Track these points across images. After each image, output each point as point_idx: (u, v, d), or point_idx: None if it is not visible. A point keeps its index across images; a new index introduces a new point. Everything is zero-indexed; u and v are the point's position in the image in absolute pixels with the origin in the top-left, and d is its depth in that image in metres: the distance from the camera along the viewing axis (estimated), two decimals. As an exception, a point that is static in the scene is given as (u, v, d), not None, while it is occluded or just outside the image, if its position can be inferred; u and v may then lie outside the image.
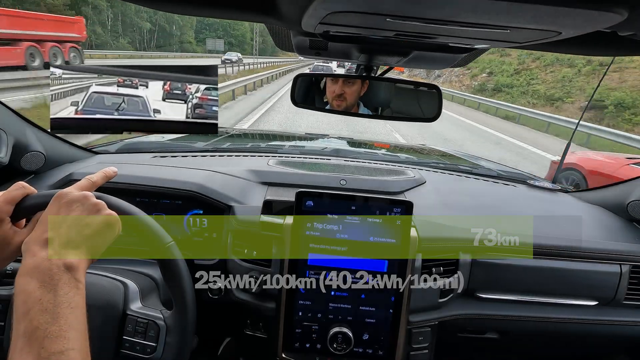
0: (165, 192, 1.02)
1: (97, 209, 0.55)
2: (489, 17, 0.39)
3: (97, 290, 0.73)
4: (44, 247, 0.48)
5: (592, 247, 1.03)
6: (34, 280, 0.45)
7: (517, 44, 0.56)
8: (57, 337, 0.42)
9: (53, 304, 0.44)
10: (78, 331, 0.45)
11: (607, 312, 1.06)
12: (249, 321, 1.02)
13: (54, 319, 0.43)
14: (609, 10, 0.34)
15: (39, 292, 0.44)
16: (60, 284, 0.46)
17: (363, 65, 0.92)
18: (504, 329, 1.09)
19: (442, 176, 1.39)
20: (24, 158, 1.03)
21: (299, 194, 0.88)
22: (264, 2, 0.53)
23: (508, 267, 1.01)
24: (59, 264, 0.47)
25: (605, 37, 0.49)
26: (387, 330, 0.91)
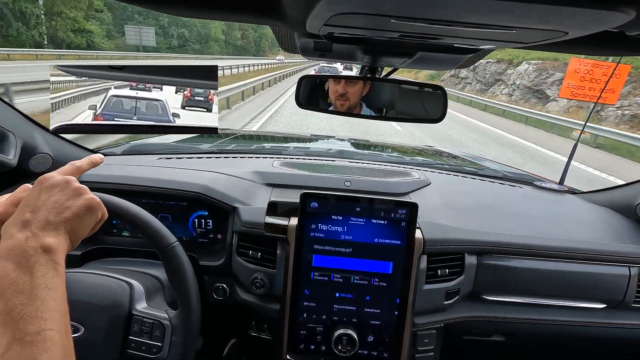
0: (170, 194, 1.03)
1: (79, 193, 0.54)
2: (494, 17, 0.39)
3: (103, 291, 0.73)
4: (22, 229, 0.48)
5: (600, 249, 1.02)
6: (10, 262, 0.44)
7: (524, 45, 0.56)
8: (34, 318, 0.41)
9: (30, 286, 0.43)
10: (57, 312, 0.44)
11: (616, 315, 1.05)
12: (253, 322, 1.02)
13: (30, 301, 0.42)
14: (616, 9, 0.33)
15: (14, 274, 0.43)
16: (37, 266, 0.45)
17: (368, 66, 0.92)
18: (510, 331, 1.08)
19: (447, 177, 1.38)
20: (32, 160, 1.04)
21: (303, 195, 0.88)
22: (268, 4, 0.53)
23: (514, 269, 1.00)
24: (36, 245, 0.46)
25: (612, 37, 0.48)
26: (392, 332, 0.91)
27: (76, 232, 0.54)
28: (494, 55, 18.93)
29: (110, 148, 1.42)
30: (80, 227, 0.54)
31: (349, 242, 0.89)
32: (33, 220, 0.49)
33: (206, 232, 1.08)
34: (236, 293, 1.01)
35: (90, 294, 0.72)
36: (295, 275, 0.91)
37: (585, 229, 1.13)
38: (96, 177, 1.03)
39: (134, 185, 1.02)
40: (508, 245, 0.99)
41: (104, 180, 1.02)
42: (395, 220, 0.87)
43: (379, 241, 0.88)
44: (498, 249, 0.99)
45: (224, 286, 1.01)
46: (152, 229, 0.69)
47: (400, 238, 0.88)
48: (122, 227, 1.10)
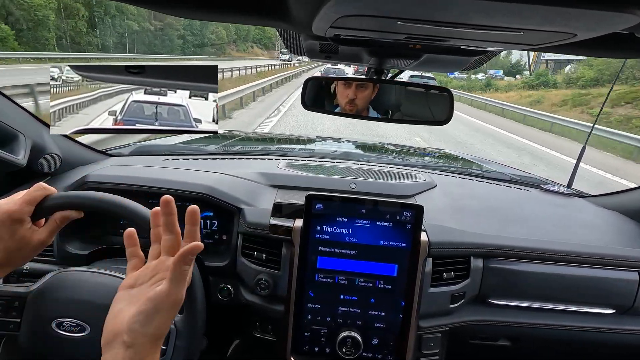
0: (176, 195, 1.04)
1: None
2: (501, 19, 0.39)
3: (109, 290, 0.74)
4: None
5: (608, 253, 1.00)
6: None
7: (531, 46, 0.55)
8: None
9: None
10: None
11: (625, 320, 1.03)
12: (257, 323, 1.02)
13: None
14: (624, 11, 0.33)
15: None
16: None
17: (374, 68, 0.92)
18: (516, 336, 1.07)
19: (453, 180, 1.37)
20: (41, 160, 1.06)
21: (308, 197, 0.88)
22: (275, 6, 0.54)
23: (521, 273, 0.99)
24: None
25: (622, 39, 0.48)
26: (396, 335, 0.90)
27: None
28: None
29: (118, 149, 1.43)
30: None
31: (354, 244, 0.88)
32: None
33: (211, 232, 1.09)
34: (241, 294, 1.01)
35: (96, 294, 0.72)
36: (299, 276, 0.91)
37: (594, 232, 1.11)
38: (104, 177, 1.04)
39: (141, 185, 1.03)
40: (515, 249, 0.98)
41: (111, 180, 1.03)
42: (401, 223, 0.87)
43: (384, 243, 0.88)
44: (504, 252, 0.98)
45: (229, 287, 1.02)
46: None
47: (405, 240, 0.87)
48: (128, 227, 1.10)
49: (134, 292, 0.53)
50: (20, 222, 0.60)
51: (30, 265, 0.97)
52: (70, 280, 0.73)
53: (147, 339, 0.48)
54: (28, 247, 0.61)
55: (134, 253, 0.57)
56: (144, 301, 0.49)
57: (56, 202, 0.64)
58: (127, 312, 0.50)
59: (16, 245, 0.60)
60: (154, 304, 0.49)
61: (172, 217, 0.56)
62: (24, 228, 0.60)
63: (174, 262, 0.50)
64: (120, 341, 0.48)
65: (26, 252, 0.61)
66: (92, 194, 0.69)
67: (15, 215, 0.59)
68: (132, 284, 0.54)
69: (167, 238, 0.56)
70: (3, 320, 0.70)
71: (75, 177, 1.07)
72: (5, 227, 0.58)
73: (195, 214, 0.55)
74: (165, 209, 0.55)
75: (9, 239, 0.59)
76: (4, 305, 0.70)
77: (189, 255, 0.50)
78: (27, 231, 0.60)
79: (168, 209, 0.56)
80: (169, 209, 0.56)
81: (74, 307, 0.70)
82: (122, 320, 0.49)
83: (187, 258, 0.50)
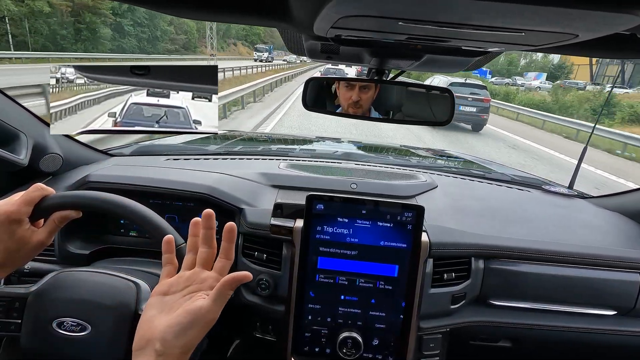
0: (177, 194, 1.04)
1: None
2: (502, 20, 0.39)
3: (109, 290, 0.74)
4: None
5: (610, 254, 1.00)
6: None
7: (533, 47, 0.55)
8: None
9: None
10: None
11: (627, 322, 1.03)
12: (258, 324, 1.02)
13: None
14: (627, 12, 0.33)
15: None
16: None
17: (375, 69, 0.92)
18: (517, 337, 1.07)
19: (454, 180, 1.37)
20: (43, 160, 1.06)
21: (309, 197, 0.88)
22: (276, 6, 0.54)
23: (522, 274, 0.99)
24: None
25: (624, 40, 0.48)
26: (397, 336, 0.90)
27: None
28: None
29: (119, 148, 1.44)
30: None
31: (355, 245, 0.88)
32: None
33: None
34: (241, 294, 1.01)
35: (97, 293, 0.72)
36: (300, 277, 0.91)
37: (595, 234, 1.11)
38: (105, 177, 1.04)
39: (142, 185, 1.03)
40: (516, 250, 0.98)
41: (112, 180, 1.03)
42: (402, 223, 0.87)
43: (385, 244, 0.88)
44: (505, 253, 0.98)
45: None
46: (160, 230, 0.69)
47: (406, 241, 0.87)
48: (129, 227, 1.11)
49: (167, 299, 0.53)
50: (18, 223, 0.60)
51: (31, 265, 0.97)
52: (70, 280, 0.73)
53: (178, 350, 0.49)
54: (28, 247, 0.61)
55: (169, 260, 0.58)
56: (181, 313, 0.50)
57: (54, 203, 0.64)
58: (160, 321, 0.51)
59: (16, 246, 0.60)
60: (191, 318, 0.50)
61: (211, 231, 0.57)
62: (22, 228, 0.60)
63: (222, 284, 0.51)
64: (152, 348, 0.49)
65: (26, 252, 0.62)
66: (89, 194, 0.69)
67: (13, 216, 0.59)
68: (166, 291, 0.54)
69: (203, 251, 0.57)
70: (4, 322, 0.70)
71: (77, 177, 1.08)
72: (4, 228, 0.59)
73: (232, 230, 0.57)
74: (206, 222, 0.57)
75: (9, 239, 0.59)
76: (4, 307, 0.70)
77: (237, 283, 0.51)
78: (26, 231, 0.61)
79: (208, 223, 0.57)
80: (209, 223, 0.57)
81: (74, 307, 0.70)
82: (156, 328, 0.50)
83: (233, 285, 0.51)
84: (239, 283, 0.51)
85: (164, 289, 0.55)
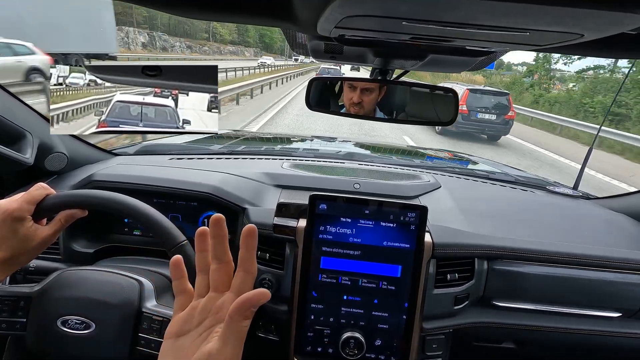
0: (181, 194, 1.04)
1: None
2: (507, 19, 0.39)
3: (113, 288, 0.74)
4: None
5: (615, 255, 0.99)
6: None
7: (538, 47, 0.55)
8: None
9: None
10: None
11: (632, 324, 1.02)
12: (261, 323, 1.02)
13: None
14: (633, 11, 0.32)
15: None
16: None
17: (378, 69, 0.92)
18: (521, 339, 1.06)
19: (457, 181, 1.36)
20: (48, 159, 1.07)
21: (312, 197, 0.88)
22: (280, 6, 0.54)
23: (526, 275, 0.98)
24: None
25: (630, 39, 0.47)
26: (400, 336, 0.90)
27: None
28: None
29: (123, 148, 1.45)
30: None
31: (358, 245, 0.88)
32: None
33: None
34: None
35: (101, 292, 0.73)
36: (303, 276, 0.91)
37: (600, 235, 1.10)
38: (109, 176, 1.04)
39: (146, 184, 1.04)
40: (520, 251, 0.98)
41: (116, 179, 1.04)
42: (405, 224, 0.87)
43: (388, 244, 0.88)
44: (509, 254, 0.98)
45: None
46: (162, 228, 0.70)
47: (409, 241, 0.87)
48: (133, 226, 1.11)
49: (181, 342, 0.43)
50: (21, 221, 0.61)
51: (36, 262, 0.98)
52: (74, 279, 0.74)
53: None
54: (31, 245, 0.62)
55: (180, 288, 0.46)
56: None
57: (56, 202, 0.65)
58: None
59: (19, 244, 0.61)
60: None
61: (222, 240, 0.44)
62: (25, 227, 0.61)
63: (230, 316, 0.39)
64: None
65: (30, 250, 0.62)
66: (91, 192, 0.69)
67: (15, 214, 0.60)
68: (178, 332, 0.44)
69: (215, 268, 0.44)
70: (9, 321, 0.70)
71: (82, 176, 1.08)
72: (7, 225, 0.60)
73: (251, 234, 0.43)
74: (215, 230, 0.43)
75: (12, 237, 0.60)
76: (9, 306, 0.71)
77: (249, 307, 0.39)
78: (30, 230, 0.62)
79: (218, 230, 0.43)
80: (219, 230, 0.43)
81: (78, 305, 0.71)
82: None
83: (247, 311, 0.39)
84: (253, 306, 0.39)
85: (176, 329, 0.44)
